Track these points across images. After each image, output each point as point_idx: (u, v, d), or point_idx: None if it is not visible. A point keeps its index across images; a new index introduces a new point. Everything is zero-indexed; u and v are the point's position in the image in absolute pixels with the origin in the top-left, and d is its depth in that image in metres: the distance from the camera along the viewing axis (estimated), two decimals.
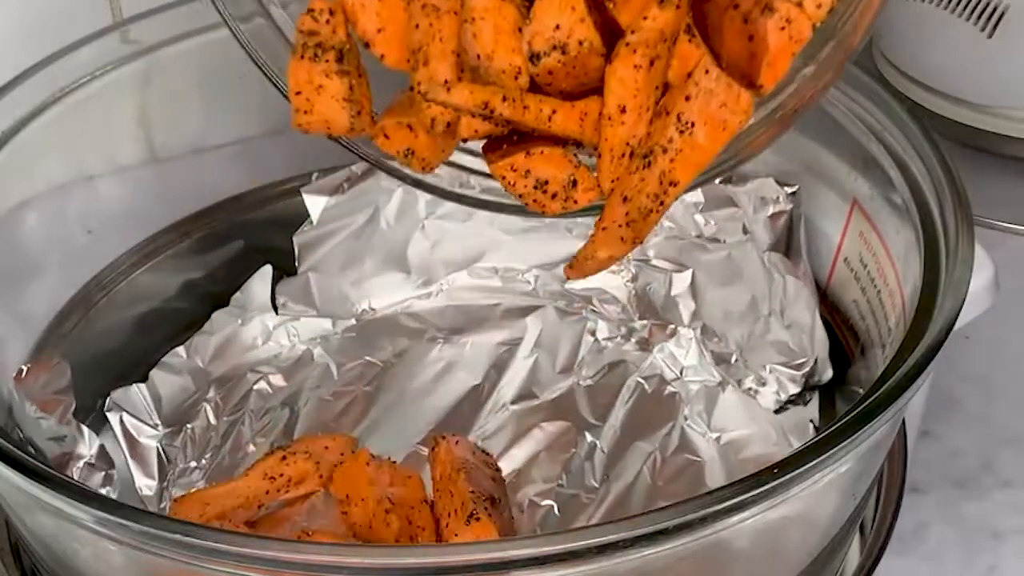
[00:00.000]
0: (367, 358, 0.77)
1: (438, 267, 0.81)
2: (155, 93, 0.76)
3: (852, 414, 0.52)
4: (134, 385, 0.74)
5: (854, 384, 0.70)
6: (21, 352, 0.69)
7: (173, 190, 0.80)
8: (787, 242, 0.73)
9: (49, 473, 0.51)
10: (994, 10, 0.91)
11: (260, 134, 0.82)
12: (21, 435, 0.64)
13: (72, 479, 0.51)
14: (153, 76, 0.75)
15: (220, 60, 0.76)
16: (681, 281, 0.77)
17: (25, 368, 0.66)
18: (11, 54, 0.71)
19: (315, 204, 0.78)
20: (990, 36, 0.91)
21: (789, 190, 0.73)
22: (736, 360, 0.74)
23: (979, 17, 0.91)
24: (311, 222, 0.78)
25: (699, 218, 0.76)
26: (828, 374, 0.71)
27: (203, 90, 0.78)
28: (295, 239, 0.78)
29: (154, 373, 0.75)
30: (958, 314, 0.55)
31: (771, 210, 0.74)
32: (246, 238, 0.80)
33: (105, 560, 0.54)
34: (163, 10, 0.74)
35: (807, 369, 0.71)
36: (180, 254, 0.78)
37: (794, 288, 0.72)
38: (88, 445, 0.65)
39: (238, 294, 0.79)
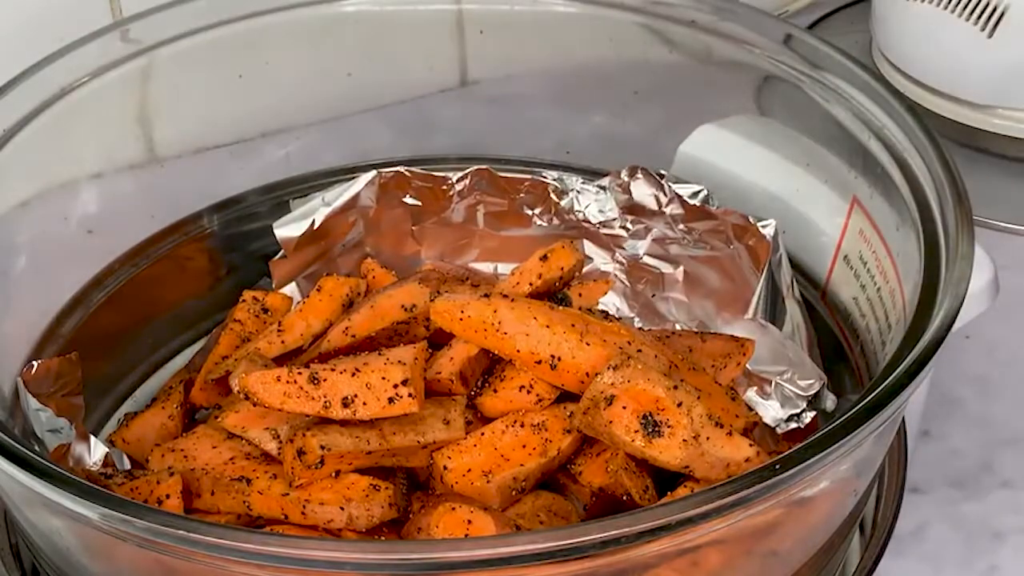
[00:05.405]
0: None
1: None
2: (155, 92, 0.76)
3: (853, 411, 0.52)
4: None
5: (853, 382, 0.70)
6: (21, 352, 0.69)
7: (173, 190, 0.80)
8: (771, 301, 0.74)
9: (54, 470, 0.51)
10: (994, 10, 0.91)
11: (260, 134, 0.82)
12: (25, 427, 0.64)
13: (76, 477, 0.51)
14: (153, 75, 0.75)
15: (220, 60, 0.77)
16: (673, 279, 0.77)
17: (36, 364, 0.67)
18: (11, 54, 0.71)
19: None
20: (990, 36, 0.91)
21: (764, 226, 0.74)
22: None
23: (979, 17, 0.91)
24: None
25: (682, 227, 0.76)
26: (831, 403, 0.71)
27: (203, 90, 0.78)
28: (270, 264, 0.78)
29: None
30: (958, 311, 0.55)
31: (750, 241, 0.74)
32: (246, 238, 0.80)
33: (108, 555, 0.54)
34: (163, 9, 0.74)
35: (813, 391, 0.71)
36: (180, 254, 0.78)
37: (781, 338, 0.72)
38: (92, 452, 0.65)
39: None
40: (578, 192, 0.78)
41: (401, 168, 0.78)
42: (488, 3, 0.81)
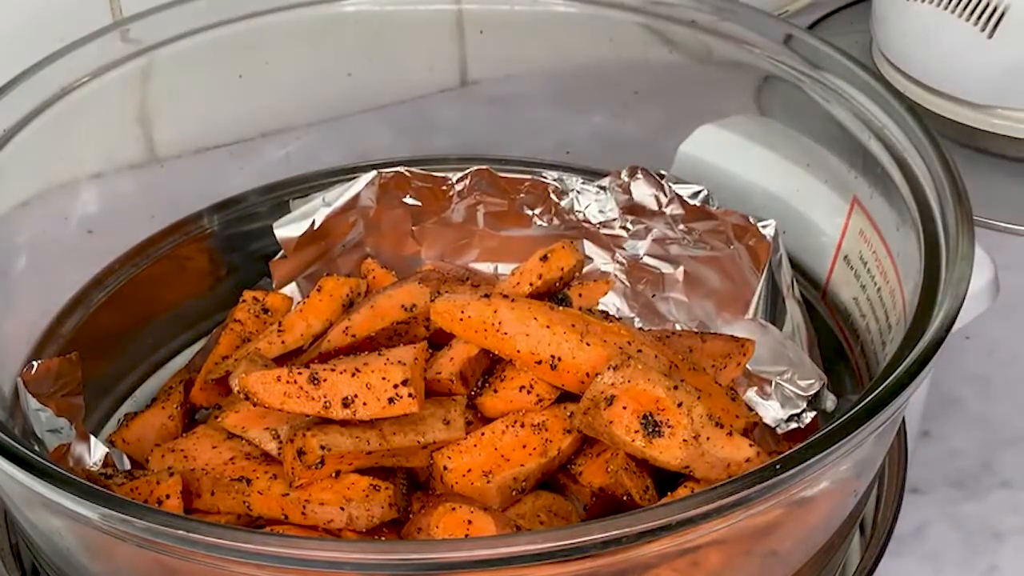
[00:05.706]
0: None
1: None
2: (155, 92, 0.76)
3: (853, 411, 0.52)
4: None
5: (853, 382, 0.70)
6: (21, 352, 0.69)
7: (173, 190, 0.80)
8: (771, 301, 0.74)
9: (54, 470, 0.51)
10: (994, 10, 0.91)
11: (260, 134, 0.82)
12: (25, 427, 0.64)
13: (76, 477, 0.51)
14: (153, 75, 0.75)
15: (220, 60, 0.77)
16: (673, 279, 0.77)
17: (36, 364, 0.67)
18: (11, 54, 0.71)
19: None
20: (990, 36, 0.91)
21: (764, 226, 0.73)
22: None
23: (979, 17, 0.91)
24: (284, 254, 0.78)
25: (682, 227, 0.76)
26: (831, 403, 0.71)
27: (203, 90, 0.78)
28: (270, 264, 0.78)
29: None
30: (958, 311, 0.55)
31: (750, 241, 0.74)
32: (246, 238, 0.80)
33: (108, 555, 0.54)
34: (163, 9, 0.74)
35: (813, 391, 0.71)
36: (180, 254, 0.78)
37: (781, 338, 0.72)
38: (92, 452, 0.65)
39: None
40: (578, 192, 0.78)
41: (401, 168, 0.78)
42: (488, 3, 0.81)
